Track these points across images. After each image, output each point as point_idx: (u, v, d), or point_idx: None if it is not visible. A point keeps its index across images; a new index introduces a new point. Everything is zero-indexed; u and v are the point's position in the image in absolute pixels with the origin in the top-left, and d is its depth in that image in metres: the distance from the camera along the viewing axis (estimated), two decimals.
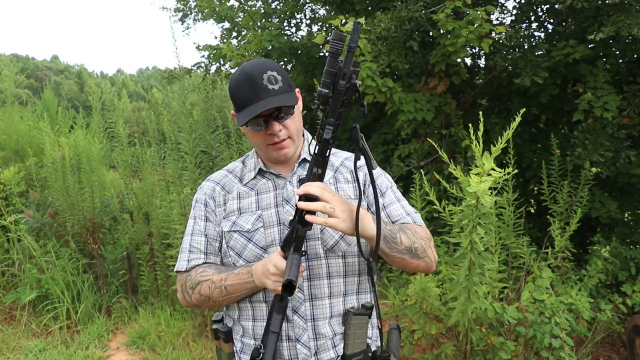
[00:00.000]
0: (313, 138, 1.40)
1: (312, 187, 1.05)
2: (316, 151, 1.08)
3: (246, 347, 1.27)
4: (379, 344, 1.34)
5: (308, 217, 1.05)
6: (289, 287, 1.02)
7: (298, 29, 5.17)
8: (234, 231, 1.26)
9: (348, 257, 1.25)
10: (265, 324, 1.23)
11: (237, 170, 1.37)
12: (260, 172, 1.32)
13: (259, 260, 1.22)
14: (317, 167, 1.08)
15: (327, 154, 1.09)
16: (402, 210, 1.32)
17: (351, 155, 1.39)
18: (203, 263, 1.28)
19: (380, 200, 1.29)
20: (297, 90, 1.28)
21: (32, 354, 3.62)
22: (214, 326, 1.33)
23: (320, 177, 1.09)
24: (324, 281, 1.23)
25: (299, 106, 1.30)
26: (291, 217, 1.25)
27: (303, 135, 1.36)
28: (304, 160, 1.32)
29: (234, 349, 1.30)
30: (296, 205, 1.09)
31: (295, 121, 1.24)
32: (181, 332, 3.80)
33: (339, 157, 1.38)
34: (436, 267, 2.72)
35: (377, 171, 1.35)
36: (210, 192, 1.33)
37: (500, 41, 3.61)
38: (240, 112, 1.19)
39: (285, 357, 1.21)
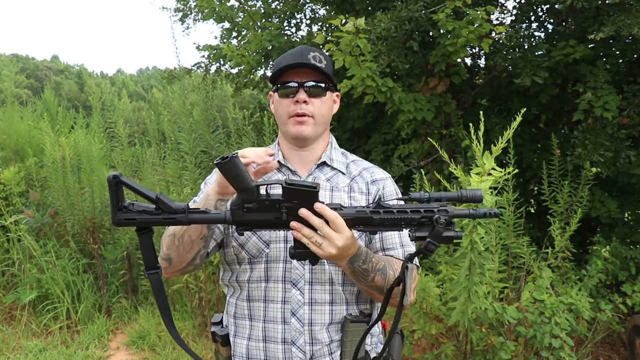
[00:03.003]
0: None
1: (316, 219, 1.00)
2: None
3: (237, 347, 1.27)
4: (379, 350, 1.32)
5: (295, 234, 1.02)
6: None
7: (298, 29, 5.16)
8: None
9: None
10: (261, 324, 1.22)
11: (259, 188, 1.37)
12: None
13: (260, 254, 1.23)
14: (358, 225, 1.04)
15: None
16: (398, 240, 1.29)
17: (371, 166, 1.38)
18: None
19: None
20: (336, 93, 1.34)
21: (32, 354, 3.62)
22: (212, 329, 1.32)
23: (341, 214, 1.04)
24: (325, 287, 1.22)
25: (334, 107, 1.34)
26: None
27: (329, 138, 1.37)
28: (324, 163, 1.31)
29: (231, 352, 1.29)
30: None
31: (324, 106, 1.26)
32: (181, 332, 3.81)
33: (358, 166, 1.37)
34: (434, 269, 2.72)
35: (391, 188, 1.34)
36: None
37: (500, 41, 3.61)
38: (275, 75, 1.26)
39: (280, 359, 1.20)
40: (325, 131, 1.33)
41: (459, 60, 3.45)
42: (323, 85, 1.24)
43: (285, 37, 4.33)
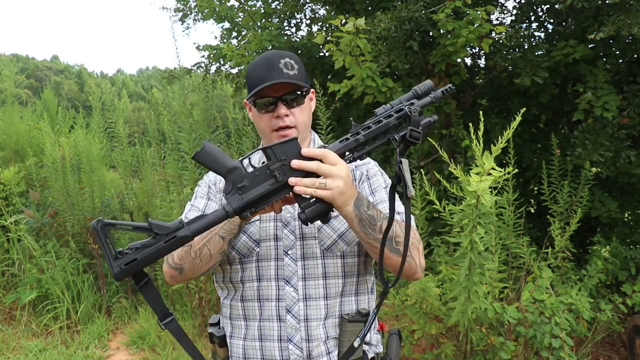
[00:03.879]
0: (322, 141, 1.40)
1: (309, 163, 0.98)
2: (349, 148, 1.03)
3: (233, 348, 1.27)
4: (378, 350, 1.31)
5: (297, 189, 0.97)
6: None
7: (298, 29, 5.16)
8: None
9: (347, 257, 1.24)
10: (257, 324, 1.22)
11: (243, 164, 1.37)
12: None
13: (250, 254, 1.22)
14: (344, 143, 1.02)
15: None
16: (385, 196, 1.28)
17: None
18: None
19: (370, 199, 1.28)
20: (312, 90, 1.31)
21: (32, 354, 3.63)
22: (209, 330, 1.32)
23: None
24: (319, 281, 1.22)
25: (311, 105, 1.32)
26: (289, 215, 1.24)
27: (310, 135, 1.37)
28: None
29: (228, 353, 1.29)
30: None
31: (304, 113, 1.25)
32: None
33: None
34: (434, 269, 2.72)
35: (375, 169, 1.34)
36: (214, 180, 1.35)
37: (500, 41, 3.61)
38: (251, 92, 1.22)
39: (277, 357, 1.20)
40: (308, 133, 1.33)
41: (459, 60, 3.45)
42: (300, 93, 1.22)
43: (285, 37, 4.32)
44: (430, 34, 3.69)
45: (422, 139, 1.02)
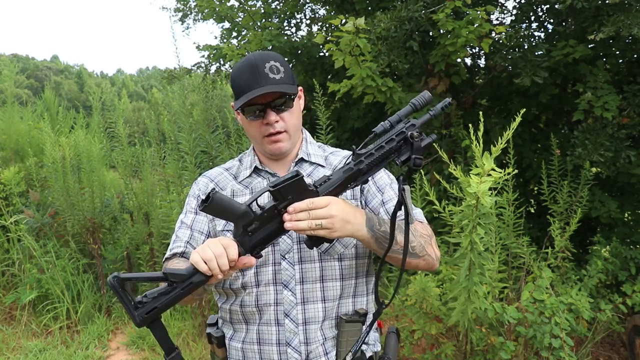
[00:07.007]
0: (314, 138, 1.40)
1: (300, 221, 1.00)
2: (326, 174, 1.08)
3: (232, 351, 1.27)
4: (376, 349, 1.31)
5: (297, 230, 1.02)
6: None
7: (298, 29, 5.16)
8: (226, 230, 1.25)
9: (345, 259, 1.23)
10: (256, 327, 1.22)
11: (233, 168, 1.37)
12: (256, 171, 1.31)
13: None
14: (317, 187, 1.06)
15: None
16: (393, 194, 1.28)
17: (350, 154, 1.38)
18: (182, 252, 1.26)
19: (379, 196, 1.28)
20: (300, 88, 1.29)
21: (32, 354, 3.63)
22: (208, 330, 1.32)
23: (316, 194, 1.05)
24: (316, 285, 1.21)
25: (300, 104, 1.30)
26: None
27: (302, 134, 1.36)
28: (301, 159, 1.31)
29: (226, 353, 1.29)
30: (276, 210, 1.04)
31: (293, 116, 1.24)
32: (181, 332, 3.81)
33: (338, 156, 1.36)
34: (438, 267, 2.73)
35: None
36: (204, 188, 1.33)
37: (500, 41, 3.61)
38: (238, 99, 1.20)
39: None
40: (299, 134, 1.32)
41: (458, 60, 3.45)
42: (288, 97, 1.20)
43: (285, 37, 4.32)
44: (430, 33, 3.69)
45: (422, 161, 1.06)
